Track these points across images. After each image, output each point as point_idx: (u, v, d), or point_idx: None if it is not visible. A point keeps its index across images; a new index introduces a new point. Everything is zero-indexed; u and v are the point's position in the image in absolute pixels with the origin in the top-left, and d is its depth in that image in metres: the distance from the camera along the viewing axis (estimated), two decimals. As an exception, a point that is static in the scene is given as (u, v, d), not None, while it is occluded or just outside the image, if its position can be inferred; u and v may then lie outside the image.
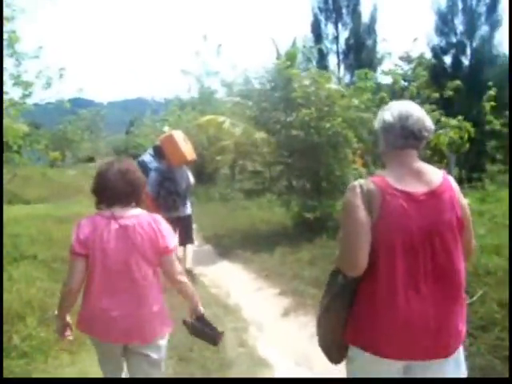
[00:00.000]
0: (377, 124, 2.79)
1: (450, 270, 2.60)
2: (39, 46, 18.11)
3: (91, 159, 56.68)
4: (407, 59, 17.00)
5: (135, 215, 3.33)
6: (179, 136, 7.78)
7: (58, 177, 31.99)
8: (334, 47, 29.42)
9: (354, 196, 2.58)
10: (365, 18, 29.58)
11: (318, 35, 29.12)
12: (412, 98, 12.53)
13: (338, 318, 2.75)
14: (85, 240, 3.23)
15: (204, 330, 3.52)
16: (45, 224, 14.12)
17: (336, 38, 29.37)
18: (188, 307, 3.55)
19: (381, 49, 27.77)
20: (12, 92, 18.14)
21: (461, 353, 2.72)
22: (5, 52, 17.17)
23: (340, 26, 29.35)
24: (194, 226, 11.81)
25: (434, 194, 2.60)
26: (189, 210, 8.17)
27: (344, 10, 29.20)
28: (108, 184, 3.31)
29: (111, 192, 3.31)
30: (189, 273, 7.75)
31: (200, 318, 3.51)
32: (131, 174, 3.37)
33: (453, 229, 2.60)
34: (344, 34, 29.76)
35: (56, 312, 3.47)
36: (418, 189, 2.59)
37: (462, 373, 2.71)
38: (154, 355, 3.41)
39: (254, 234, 12.16)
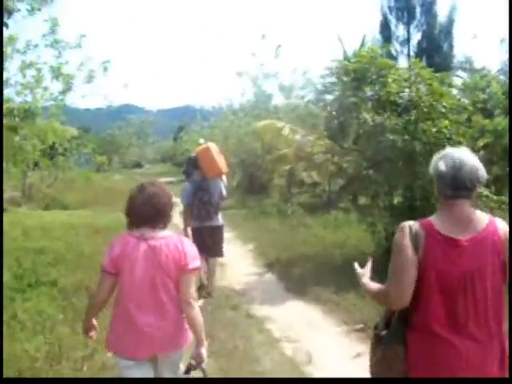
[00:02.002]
0: (431, 170, 2.78)
1: (490, 312, 2.62)
2: (82, 35, 15.88)
3: (138, 165, 55.96)
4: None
5: (163, 236, 3.42)
6: (215, 149, 7.72)
7: (103, 181, 30.17)
8: (405, 50, 26.41)
9: (402, 236, 2.66)
10: (441, 18, 26.60)
11: (387, 36, 26.00)
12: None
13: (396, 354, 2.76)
14: (116, 259, 3.37)
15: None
16: (77, 235, 12.02)
17: (407, 40, 26.29)
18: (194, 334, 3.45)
19: (458, 52, 24.54)
20: (52, 86, 16.06)
21: None
22: (44, 42, 15.19)
23: (412, 26, 26.33)
24: (252, 244, 11.86)
25: (477, 239, 2.61)
26: (221, 221, 8.00)
27: (418, 9, 26.17)
28: (135, 208, 3.43)
29: (137, 215, 3.43)
30: (202, 287, 7.79)
31: (198, 365, 3.41)
32: (156, 199, 3.44)
33: (494, 271, 2.61)
34: (416, 36, 26.80)
35: (84, 317, 3.68)
36: (463, 235, 2.61)
37: None
38: (177, 361, 3.54)
39: (330, 263, 9.58)
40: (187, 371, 3.44)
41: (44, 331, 6.00)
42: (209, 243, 7.62)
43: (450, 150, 2.78)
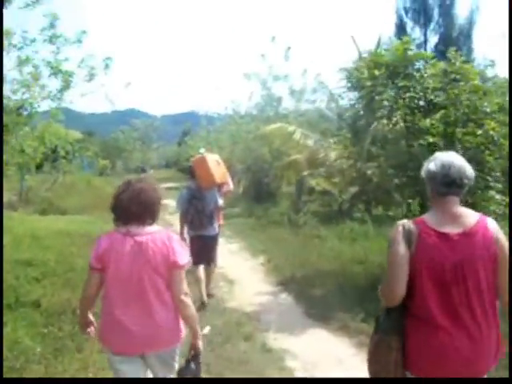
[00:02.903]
0: (423, 173, 2.98)
1: (481, 302, 2.76)
2: (82, 31, 14.67)
3: (142, 169, 54.89)
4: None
5: (150, 232, 3.36)
6: (212, 159, 7.74)
7: (105, 186, 28.87)
8: (421, 53, 24.54)
9: (396, 233, 2.85)
10: (460, 20, 25.08)
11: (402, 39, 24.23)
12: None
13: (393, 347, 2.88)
14: (102, 255, 3.33)
15: (189, 372, 3.41)
16: (72, 244, 10.83)
17: (424, 43, 24.86)
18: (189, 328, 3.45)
19: (478, 56, 23.08)
20: (50, 84, 14.83)
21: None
22: (41, 37, 14.02)
23: (429, 29, 24.89)
24: (262, 257, 11.06)
25: (467, 234, 2.78)
26: (215, 230, 7.92)
27: (435, 11, 24.70)
28: (121, 204, 3.38)
29: (125, 212, 3.36)
30: (204, 300, 7.50)
31: (195, 357, 3.44)
32: (143, 194, 3.39)
33: (486, 265, 2.76)
34: (434, 39, 25.34)
35: (78, 311, 3.85)
36: (453, 230, 2.79)
37: None
38: (169, 360, 3.47)
39: (352, 283, 8.37)
40: (186, 364, 3.44)
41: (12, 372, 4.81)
42: (202, 252, 7.63)
43: (438, 154, 3.00)
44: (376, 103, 7.97)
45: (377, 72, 7.75)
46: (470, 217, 2.86)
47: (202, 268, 7.72)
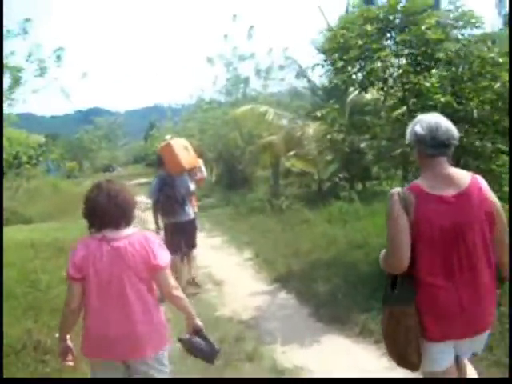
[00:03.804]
0: (408, 136, 2.96)
1: (481, 260, 2.80)
2: (26, 19, 13.17)
3: (110, 168, 53.75)
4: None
5: (127, 235, 3.20)
6: (178, 144, 7.52)
7: (73, 188, 27.52)
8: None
9: (393, 202, 2.80)
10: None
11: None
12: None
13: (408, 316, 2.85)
14: (79, 264, 3.14)
15: (201, 347, 3.33)
16: (36, 257, 9.52)
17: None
18: (185, 322, 3.38)
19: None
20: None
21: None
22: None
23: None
24: (249, 251, 10.08)
25: (463, 195, 2.79)
26: (190, 215, 7.69)
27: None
28: (97, 208, 3.19)
29: (101, 216, 3.19)
30: (192, 282, 7.76)
31: (198, 333, 3.33)
32: (121, 196, 3.23)
33: (482, 224, 2.80)
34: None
35: (57, 334, 3.42)
36: (448, 192, 2.79)
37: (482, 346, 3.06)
38: (156, 365, 3.27)
39: (357, 272, 7.13)
40: (191, 339, 3.33)
41: None
42: (178, 238, 7.42)
43: (422, 116, 2.98)
44: (368, 64, 6.75)
45: (369, 27, 6.52)
46: (463, 177, 2.87)
47: (178, 258, 7.47)
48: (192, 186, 7.76)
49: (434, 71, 6.56)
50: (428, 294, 2.80)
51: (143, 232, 3.35)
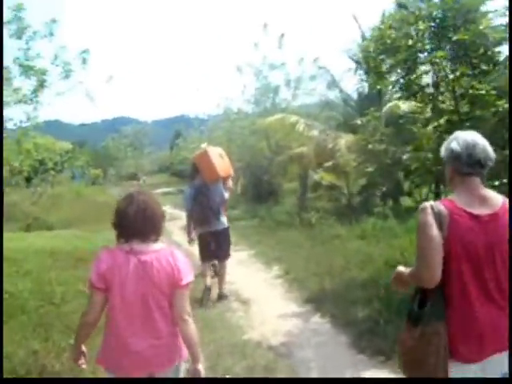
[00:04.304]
0: (444, 153, 2.87)
1: (507, 281, 2.73)
2: (52, 20, 12.66)
3: (135, 176, 53.76)
4: None
5: (154, 250, 3.12)
6: (214, 153, 7.45)
7: (97, 195, 27.16)
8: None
9: (426, 215, 2.68)
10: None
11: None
12: None
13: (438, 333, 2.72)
14: (104, 274, 3.06)
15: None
16: (53, 267, 9.03)
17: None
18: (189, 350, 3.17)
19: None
20: (23, 84, 12.87)
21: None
22: (6, 31, 12.10)
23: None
24: (277, 267, 9.41)
25: (495, 216, 2.73)
26: (224, 224, 7.55)
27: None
28: (126, 220, 3.10)
29: (130, 228, 3.10)
30: (206, 290, 7.28)
31: (195, 372, 3.15)
32: (150, 209, 3.15)
33: (507, 245, 2.73)
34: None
35: (73, 341, 3.39)
36: (481, 211, 2.72)
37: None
38: (173, 376, 3.22)
39: (399, 296, 6.36)
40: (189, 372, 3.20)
41: None
42: (212, 248, 7.42)
43: (459, 133, 2.86)
44: (418, 67, 6.08)
45: (422, 25, 5.82)
46: (495, 198, 2.81)
47: (209, 266, 7.59)
48: (226, 195, 7.60)
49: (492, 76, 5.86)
50: (461, 311, 2.70)
51: (171, 248, 3.24)
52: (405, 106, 10.04)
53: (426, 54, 5.96)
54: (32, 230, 15.94)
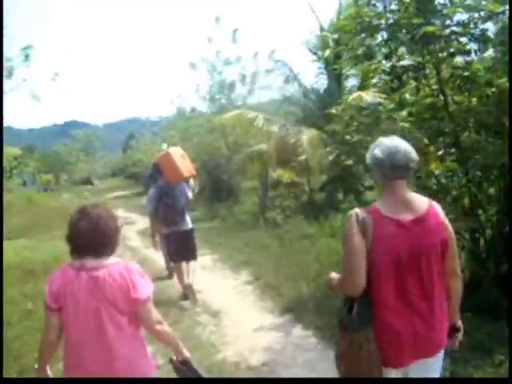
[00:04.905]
0: (368, 160, 2.87)
1: (435, 286, 2.75)
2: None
3: (88, 181, 52.39)
4: None
5: (106, 265, 2.93)
6: (176, 153, 7.35)
7: (49, 201, 25.92)
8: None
9: (350, 224, 2.70)
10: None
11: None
12: None
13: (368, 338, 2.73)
14: (56, 293, 2.93)
15: (188, 376, 3.14)
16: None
17: None
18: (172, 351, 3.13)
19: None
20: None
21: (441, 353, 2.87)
22: None
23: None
24: (245, 272, 8.74)
25: (420, 221, 2.73)
26: (189, 224, 7.55)
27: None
28: (78, 235, 2.95)
29: (81, 244, 2.94)
30: (188, 287, 7.15)
31: (185, 362, 3.12)
32: (102, 224, 2.96)
33: (437, 250, 2.75)
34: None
35: (36, 365, 3.14)
36: (406, 216, 2.72)
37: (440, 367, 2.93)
38: None
39: None
40: (178, 366, 3.13)
41: None
42: (180, 248, 7.32)
43: (382, 139, 2.88)
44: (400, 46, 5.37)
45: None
46: (421, 202, 2.83)
47: (183, 264, 7.31)
48: (190, 195, 7.60)
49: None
50: (382, 319, 2.70)
51: (125, 262, 3.06)
52: (368, 96, 9.47)
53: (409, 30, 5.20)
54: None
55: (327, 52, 11.87)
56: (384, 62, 5.72)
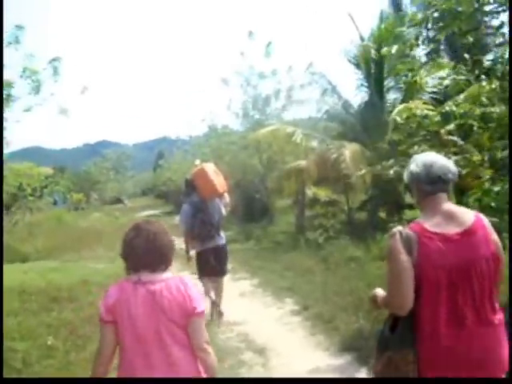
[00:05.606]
0: (405, 177, 2.84)
1: (488, 301, 2.59)
2: (16, 26, 10.95)
3: (118, 200, 52.50)
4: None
5: (163, 279, 2.90)
6: (210, 169, 7.32)
7: (79, 221, 25.50)
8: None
9: (394, 242, 2.61)
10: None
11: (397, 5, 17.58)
12: None
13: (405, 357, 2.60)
14: (112, 307, 2.86)
15: None
16: (20, 312, 7.37)
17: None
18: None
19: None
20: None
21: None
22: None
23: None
24: (291, 300, 7.91)
25: (468, 233, 2.60)
26: (223, 240, 7.42)
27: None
28: (135, 252, 2.92)
29: (138, 259, 2.91)
30: (213, 305, 7.08)
31: None
32: (159, 240, 2.95)
33: (488, 263, 2.59)
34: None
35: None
36: (451, 230, 2.60)
37: None
38: None
39: None
40: None
41: None
42: (213, 264, 7.16)
43: (417, 156, 2.84)
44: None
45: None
46: (466, 214, 2.68)
47: (209, 280, 7.18)
48: (223, 210, 7.42)
49: None
50: (428, 339, 2.53)
51: (180, 276, 3.00)
52: (417, 109, 8.65)
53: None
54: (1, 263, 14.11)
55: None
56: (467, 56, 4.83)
